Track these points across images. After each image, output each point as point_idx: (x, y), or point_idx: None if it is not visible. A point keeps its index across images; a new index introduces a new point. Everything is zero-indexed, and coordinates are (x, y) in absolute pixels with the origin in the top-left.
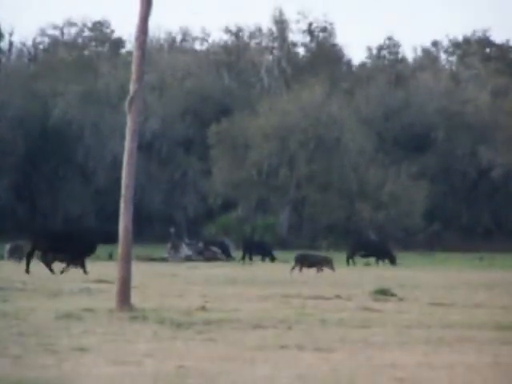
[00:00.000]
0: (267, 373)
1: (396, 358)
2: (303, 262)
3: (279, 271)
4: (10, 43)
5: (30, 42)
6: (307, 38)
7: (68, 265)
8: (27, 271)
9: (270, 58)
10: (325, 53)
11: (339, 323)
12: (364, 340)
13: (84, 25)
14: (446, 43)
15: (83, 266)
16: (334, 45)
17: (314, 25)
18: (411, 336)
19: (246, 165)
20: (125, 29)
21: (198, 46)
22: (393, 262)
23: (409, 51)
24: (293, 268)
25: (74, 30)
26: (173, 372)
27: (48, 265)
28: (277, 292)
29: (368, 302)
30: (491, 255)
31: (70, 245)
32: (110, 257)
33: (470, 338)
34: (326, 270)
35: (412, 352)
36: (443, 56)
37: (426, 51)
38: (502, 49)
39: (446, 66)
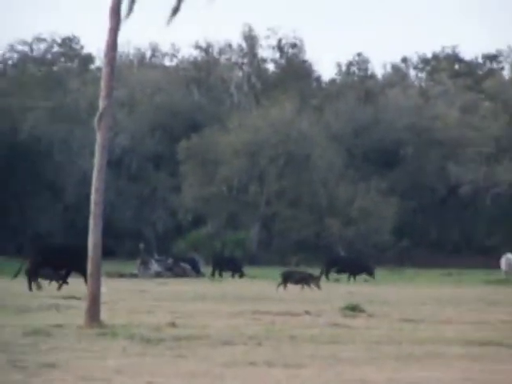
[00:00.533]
0: None
1: (366, 374)
2: (289, 279)
3: (249, 287)
4: None
5: None
6: (277, 54)
7: (61, 280)
8: (32, 288)
9: (240, 73)
10: (294, 69)
11: (309, 339)
12: (333, 356)
13: (53, 41)
14: (415, 59)
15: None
16: (304, 61)
17: (284, 41)
18: (381, 352)
19: (216, 180)
20: (94, 45)
21: (167, 62)
22: (371, 275)
23: (378, 67)
24: (279, 285)
25: (43, 46)
26: None
27: (30, 281)
28: (247, 308)
29: (337, 318)
30: (459, 271)
31: (74, 260)
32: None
33: (439, 353)
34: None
35: (382, 368)
36: (412, 72)
37: (395, 67)
38: (471, 65)
39: (416, 83)
